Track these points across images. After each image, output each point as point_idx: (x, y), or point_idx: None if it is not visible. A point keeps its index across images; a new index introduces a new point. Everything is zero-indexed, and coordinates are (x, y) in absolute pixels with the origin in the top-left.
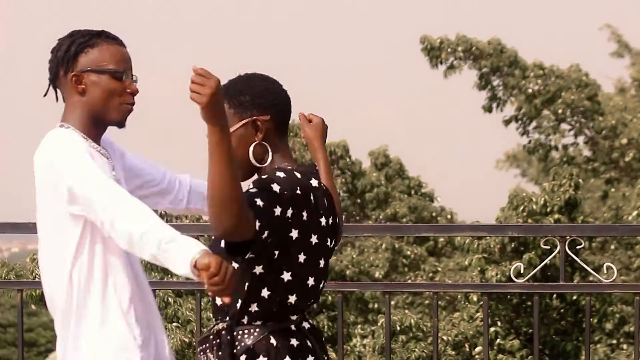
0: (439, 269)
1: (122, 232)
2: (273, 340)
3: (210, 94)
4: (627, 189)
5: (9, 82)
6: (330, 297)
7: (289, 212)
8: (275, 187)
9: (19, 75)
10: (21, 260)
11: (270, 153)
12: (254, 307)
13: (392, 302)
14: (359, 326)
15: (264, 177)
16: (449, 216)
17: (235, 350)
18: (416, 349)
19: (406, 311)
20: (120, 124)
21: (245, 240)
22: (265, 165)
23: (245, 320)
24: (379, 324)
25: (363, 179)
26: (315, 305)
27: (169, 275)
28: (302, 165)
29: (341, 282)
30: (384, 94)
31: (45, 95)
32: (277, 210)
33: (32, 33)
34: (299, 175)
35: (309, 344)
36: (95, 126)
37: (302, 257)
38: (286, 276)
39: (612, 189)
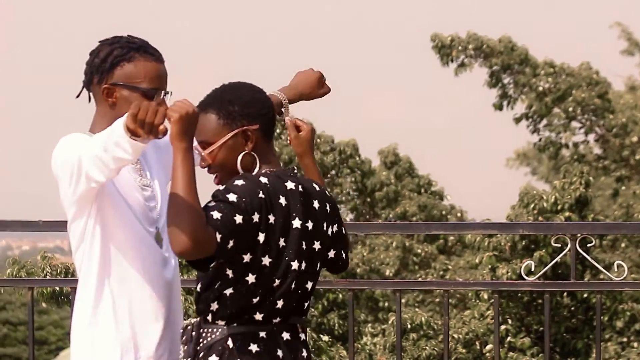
0: (450, 267)
1: (90, 167)
2: (230, 342)
3: (184, 112)
4: (638, 187)
5: (25, 80)
6: (340, 295)
7: (255, 217)
8: (232, 197)
9: (37, 73)
10: (32, 258)
11: (257, 162)
12: (215, 306)
13: (403, 300)
14: (370, 324)
15: (220, 188)
16: (459, 214)
17: (198, 347)
18: (427, 347)
19: (417, 309)
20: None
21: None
22: (254, 173)
23: (210, 319)
24: (389, 322)
25: (373, 177)
26: (325, 303)
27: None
28: (282, 168)
29: (352, 280)
30: (394, 92)
31: (77, 96)
32: (239, 218)
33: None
34: (264, 180)
35: (278, 353)
36: None
37: (266, 260)
38: (250, 278)
39: (623, 187)
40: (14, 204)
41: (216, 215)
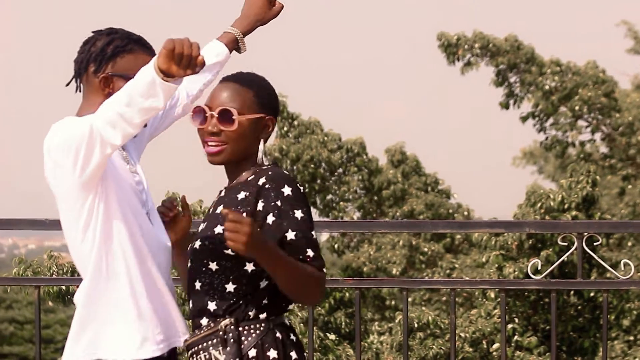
0: (456, 265)
1: (106, 130)
2: (278, 334)
3: (246, 241)
4: None
5: (16, 76)
6: (347, 294)
7: None
8: (305, 210)
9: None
10: (38, 257)
11: (264, 152)
12: (250, 302)
13: (409, 299)
14: (376, 323)
15: (299, 194)
16: (465, 213)
17: (242, 346)
18: (434, 346)
19: (423, 308)
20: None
21: None
22: (266, 163)
23: (250, 315)
24: (396, 320)
25: (380, 176)
26: (332, 302)
27: None
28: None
29: (358, 278)
30: (400, 91)
31: (67, 84)
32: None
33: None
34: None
35: (298, 339)
36: None
37: None
38: None
39: (629, 186)
40: (20, 203)
41: (314, 250)
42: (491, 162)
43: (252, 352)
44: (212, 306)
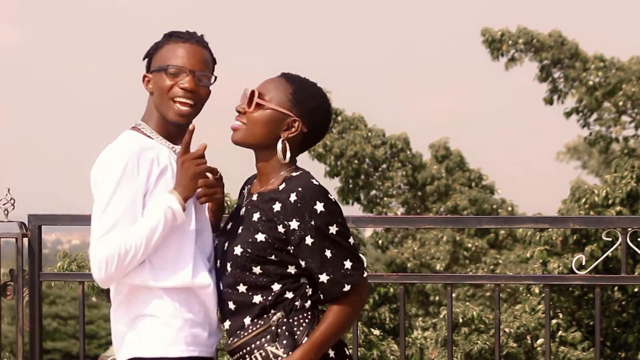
0: (500, 261)
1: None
2: None
3: None
4: None
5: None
6: (392, 289)
7: None
8: (342, 225)
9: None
10: (82, 252)
11: (288, 151)
12: (294, 294)
13: (453, 295)
14: (420, 318)
15: (331, 207)
16: (509, 208)
17: (295, 337)
18: (478, 341)
19: (467, 303)
20: (177, 124)
21: None
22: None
23: (297, 306)
24: (440, 316)
25: (424, 171)
26: (376, 297)
27: None
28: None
29: (403, 274)
30: (444, 87)
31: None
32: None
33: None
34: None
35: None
36: (168, 125)
37: None
38: None
39: None
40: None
41: (353, 263)
42: (535, 157)
43: (305, 341)
44: (257, 305)
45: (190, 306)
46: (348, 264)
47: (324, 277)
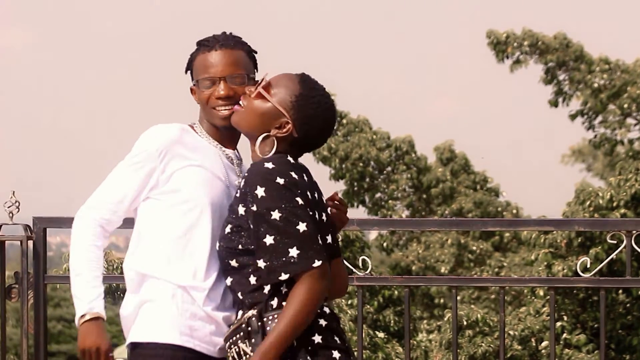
0: (505, 264)
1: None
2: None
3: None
4: None
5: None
6: (396, 292)
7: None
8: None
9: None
10: None
11: (275, 147)
12: (272, 292)
13: (458, 297)
14: (425, 321)
15: (276, 191)
16: (514, 211)
17: (266, 335)
18: (483, 344)
19: (472, 306)
20: (226, 128)
21: None
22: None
23: (272, 305)
24: (445, 318)
25: (429, 174)
26: (381, 300)
27: None
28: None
29: (407, 276)
30: (449, 89)
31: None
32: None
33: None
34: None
35: (334, 325)
36: (218, 129)
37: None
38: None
39: None
40: (68, 202)
41: (300, 251)
42: (540, 160)
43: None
44: (239, 300)
45: (194, 300)
46: (294, 252)
47: (261, 263)
